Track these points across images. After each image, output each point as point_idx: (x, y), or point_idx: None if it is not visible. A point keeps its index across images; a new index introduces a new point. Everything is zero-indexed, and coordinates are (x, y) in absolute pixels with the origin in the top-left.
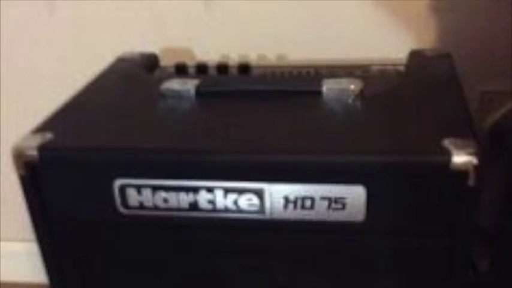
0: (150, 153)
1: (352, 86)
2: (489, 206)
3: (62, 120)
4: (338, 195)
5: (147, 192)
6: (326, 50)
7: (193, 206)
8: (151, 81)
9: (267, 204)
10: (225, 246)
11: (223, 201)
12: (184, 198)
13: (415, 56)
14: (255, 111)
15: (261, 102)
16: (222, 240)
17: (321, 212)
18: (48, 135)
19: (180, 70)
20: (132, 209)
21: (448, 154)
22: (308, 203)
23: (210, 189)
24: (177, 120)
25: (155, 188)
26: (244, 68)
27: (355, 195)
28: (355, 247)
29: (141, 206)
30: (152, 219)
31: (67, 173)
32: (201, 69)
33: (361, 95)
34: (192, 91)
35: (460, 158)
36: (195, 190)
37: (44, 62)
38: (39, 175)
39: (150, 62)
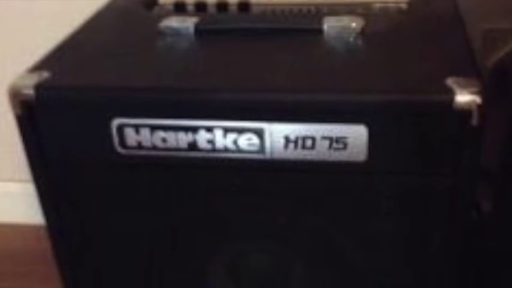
0: (148, 92)
1: (353, 24)
2: (493, 146)
3: (59, 59)
4: (339, 135)
5: (145, 132)
6: None
7: (192, 145)
8: (149, 18)
9: (267, 144)
10: (224, 186)
11: (222, 141)
12: (183, 138)
13: None
14: (254, 49)
15: (261, 41)
16: (222, 181)
17: (322, 152)
18: (45, 74)
19: (179, 8)
20: (130, 148)
21: (451, 93)
22: (309, 142)
23: (209, 129)
24: (175, 58)
25: (153, 128)
26: (243, 6)
27: (356, 134)
28: (356, 187)
29: (139, 146)
30: (150, 159)
31: (64, 112)
32: (200, 6)
33: (362, 33)
34: (191, 29)
35: (464, 97)
36: (194, 130)
37: (41, 0)
38: (35, 114)
39: None
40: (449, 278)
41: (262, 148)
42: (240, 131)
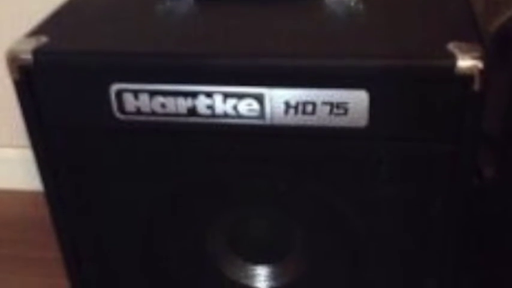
0: (148, 57)
1: None
2: (494, 111)
3: (58, 24)
4: (340, 100)
5: (144, 97)
6: None
7: (192, 111)
8: None
9: (267, 109)
10: (224, 152)
11: (222, 106)
12: (183, 104)
13: None
14: (255, 14)
15: (261, 6)
16: (221, 147)
17: (322, 118)
18: (43, 39)
19: None
20: (129, 114)
21: (452, 58)
22: (309, 108)
23: (208, 94)
24: (175, 23)
25: (152, 93)
26: None
27: (357, 100)
28: (357, 153)
29: (138, 112)
30: (149, 124)
31: (62, 77)
32: None
33: None
34: None
35: (465, 62)
36: (194, 95)
37: None
38: (33, 80)
39: None
40: (451, 244)
41: (262, 114)
42: (240, 96)
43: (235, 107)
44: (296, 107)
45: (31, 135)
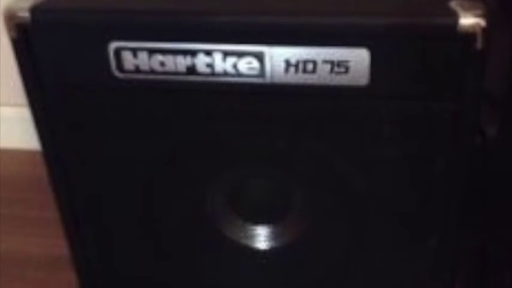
0: (147, 15)
1: None
2: (497, 70)
3: None
4: (341, 59)
5: (143, 55)
6: None
7: (191, 69)
8: None
9: (268, 67)
10: (224, 111)
11: (222, 64)
12: (182, 62)
13: None
14: None
15: None
16: (221, 105)
17: (323, 76)
18: None
19: None
20: (128, 72)
21: (455, 15)
22: (310, 66)
23: (208, 52)
24: None
25: (151, 51)
26: None
27: (358, 58)
28: (358, 112)
29: (137, 70)
30: (148, 83)
31: (60, 35)
32: None
33: None
34: None
35: (468, 20)
36: (193, 53)
37: None
38: (31, 38)
39: None
40: (453, 203)
41: (262, 72)
42: (240, 54)
43: (235, 66)
44: (296, 66)
45: (29, 93)
